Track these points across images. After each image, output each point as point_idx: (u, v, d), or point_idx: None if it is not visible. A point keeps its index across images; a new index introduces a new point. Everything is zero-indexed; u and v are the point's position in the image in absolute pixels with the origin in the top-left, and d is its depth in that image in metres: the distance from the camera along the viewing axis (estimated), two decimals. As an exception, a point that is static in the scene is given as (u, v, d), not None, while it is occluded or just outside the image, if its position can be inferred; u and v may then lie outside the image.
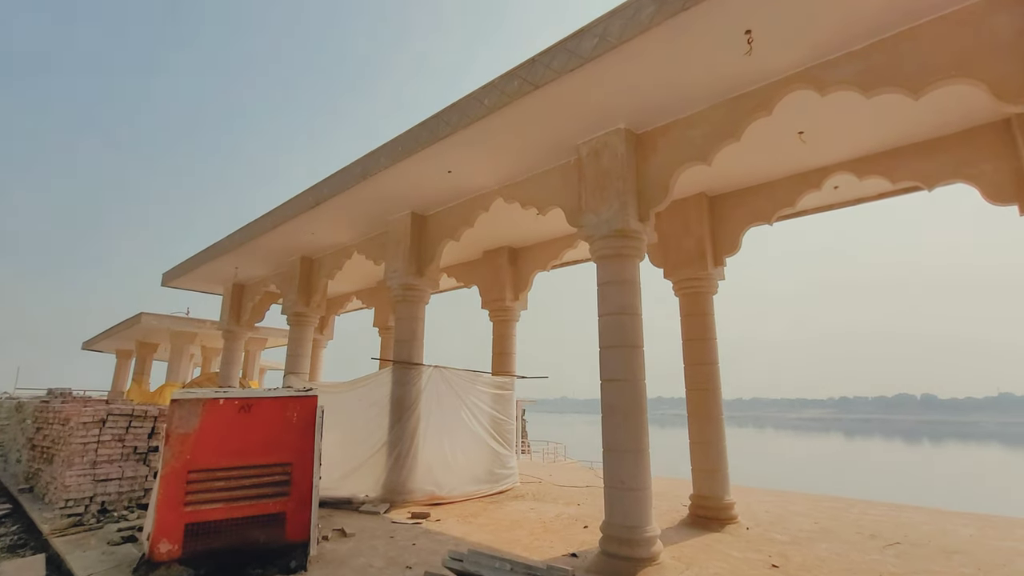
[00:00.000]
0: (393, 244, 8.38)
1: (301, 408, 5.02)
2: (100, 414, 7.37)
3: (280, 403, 4.95)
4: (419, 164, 6.66)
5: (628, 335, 5.33)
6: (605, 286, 5.52)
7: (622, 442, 5.08)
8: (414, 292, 8.17)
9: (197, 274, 12.60)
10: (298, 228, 9.12)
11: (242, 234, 10.05)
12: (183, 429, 4.55)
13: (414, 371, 7.93)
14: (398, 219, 8.39)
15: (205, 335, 18.48)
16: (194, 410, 4.62)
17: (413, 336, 8.07)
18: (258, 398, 4.87)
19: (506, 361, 9.81)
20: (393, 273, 8.22)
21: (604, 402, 5.31)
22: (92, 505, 6.90)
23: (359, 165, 7.17)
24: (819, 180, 6.53)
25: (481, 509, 7.49)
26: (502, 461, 8.91)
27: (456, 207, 7.85)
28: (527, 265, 9.90)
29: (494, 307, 9.96)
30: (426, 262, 8.14)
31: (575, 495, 8.59)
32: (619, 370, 5.25)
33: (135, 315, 16.11)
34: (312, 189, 8.02)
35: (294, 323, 10.74)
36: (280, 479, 4.82)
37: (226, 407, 4.75)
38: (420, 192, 7.59)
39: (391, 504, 7.30)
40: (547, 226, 8.95)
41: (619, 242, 5.49)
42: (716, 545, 5.72)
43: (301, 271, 10.68)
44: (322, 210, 8.20)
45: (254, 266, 11.81)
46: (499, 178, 7.03)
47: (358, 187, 7.32)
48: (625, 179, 5.55)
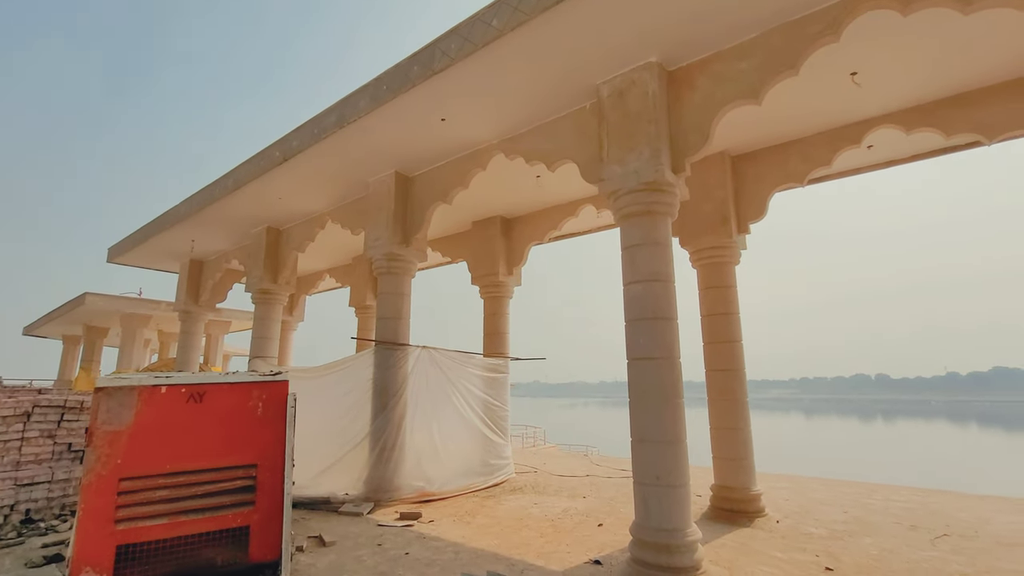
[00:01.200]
0: (375, 209, 7.35)
1: (268, 396, 4.05)
2: (24, 406, 6.19)
3: (241, 390, 3.97)
4: (407, 109, 5.65)
5: (661, 305, 4.52)
6: (633, 250, 4.69)
7: (657, 431, 4.30)
8: (399, 263, 7.18)
9: (148, 248, 11.22)
10: (264, 191, 7.96)
11: (199, 199, 8.81)
12: (112, 425, 3.53)
13: (400, 353, 6.99)
14: (380, 180, 7.35)
15: (161, 318, 16.96)
16: (127, 401, 3.60)
17: (398, 313, 7.11)
18: (213, 384, 3.88)
19: (498, 341, 8.95)
20: (375, 242, 7.21)
21: (633, 385, 4.51)
22: (13, 515, 5.77)
23: (334, 111, 6.09)
24: (859, 135, 5.83)
25: (478, 505, 6.68)
26: (497, 451, 8.11)
27: (448, 165, 6.86)
28: (522, 236, 9.00)
29: (485, 283, 9.06)
30: (413, 229, 7.15)
31: (577, 486, 7.88)
32: (651, 347, 4.45)
33: (79, 296, 14.52)
34: (280, 142, 6.89)
35: (260, 302, 9.60)
36: (242, 484, 3.86)
37: (170, 396, 3.74)
38: (406, 146, 6.57)
39: (375, 503, 6.40)
40: (548, 192, 8.06)
41: (650, 197, 4.65)
42: (752, 544, 5.06)
43: (267, 243, 9.51)
44: (291, 168, 7.08)
45: (213, 238, 10.54)
46: (500, 129, 6.08)
47: (333, 137, 6.25)
48: (658, 122, 4.69)
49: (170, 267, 12.71)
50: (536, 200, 8.49)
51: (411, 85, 5.20)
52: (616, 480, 8.35)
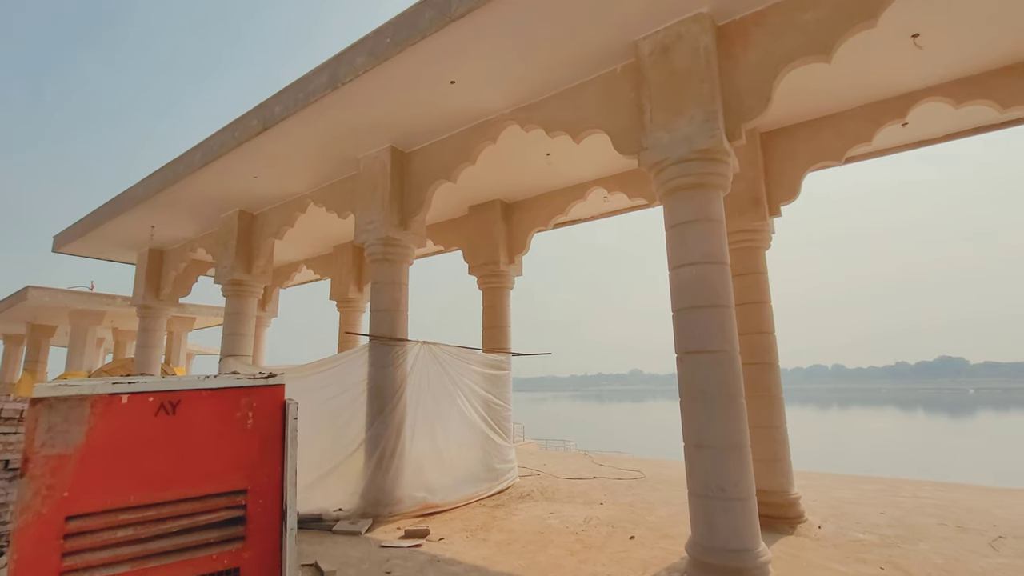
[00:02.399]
0: (367, 189, 6.54)
1: (260, 404, 3.27)
2: (-53, 418, 5.18)
3: (225, 398, 3.18)
4: (413, 67, 4.89)
5: (718, 292, 3.96)
6: (683, 228, 4.10)
7: (720, 435, 3.73)
8: (396, 249, 6.41)
9: (100, 236, 10.03)
10: (237, 167, 7.03)
11: (159, 178, 7.77)
12: (55, 447, 2.70)
13: (398, 349, 6.24)
14: (373, 156, 6.54)
15: (116, 314, 15.54)
16: (75, 415, 2.77)
17: (396, 305, 6.35)
18: (189, 391, 3.08)
19: (499, 336, 8.28)
20: (368, 226, 6.41)
21: (687, 383, 3.93)
22: (-66, 550, 4.78)
23: (325, 70, 5.27)
24: (904, 109, 5.42)
25: (488, 517, 6.02)
26: (501, 454, 7.45)
27: (454, 138, 6.12)
28: (524, 222, 8.34)
29: (484, 272, 8.36)
30: (411, 211, 6.39)
31: (588, 491, 7.31)
32: (708, 338, 3.88)
33: (20, 290, 13.04)
34: (259, 108, 6.00)
35: (232, 294, 8.62)
36: (229, 516, 3.08)
37: (134, 408, 2.92)
38: (406, 116, 5.80)
39: (374, 519, 5.66)
40: (556, 173, 7.41)
41: (703, 167, 4.07)
42: (805, 555, 4.58)
43: (240, 229, 8.53)
44: (271, 139, 6.20)
45: (177, 224, 9.47)
46: (516, 95, 5.39)
47: (323, 102, 5.43)
48: (711, 81, 4.11)
49: (126, 257, 11.48)
50: (540, 182, 7.83)
51: (420, 36, 4.44)
52: (627, 483, 7.84)
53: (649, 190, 6.95)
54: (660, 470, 8.77)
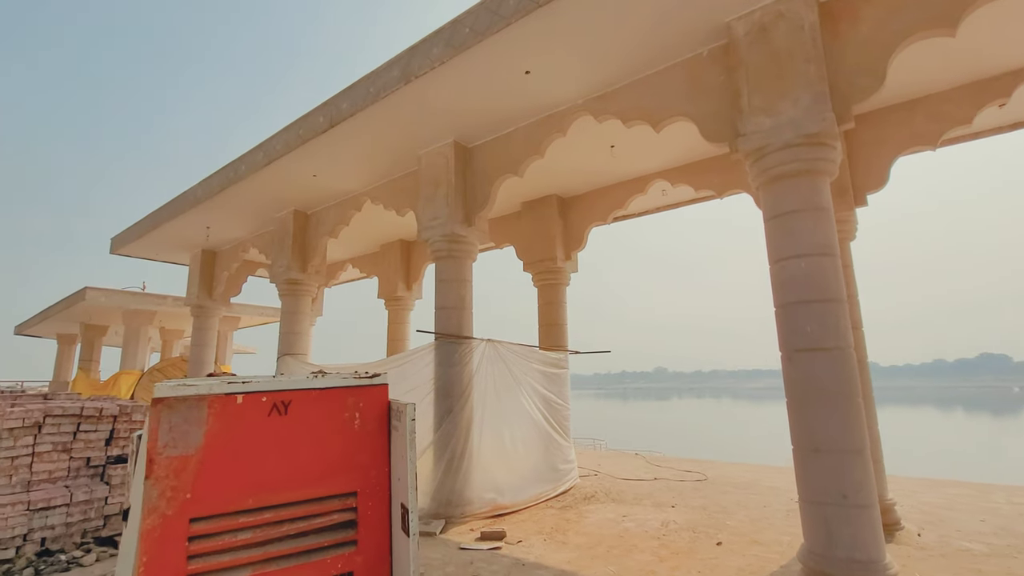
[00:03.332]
0: (429, 185, 6.45)
1: (365, 404, 3.19)
2: (34, 416, 5.29)
3: (333, 398, 3.10)
4: (490, 58, 4.76)
5: (829, 285, 3.72)
6: (788, 218, 3.86)
7: (840, 438, 3.49)
8: (461, 246, 6.31)
9: (156, 238, 10.24)
10: (298, 166, 7.03)
11: (219, 179, 7.85)
12: (177, 449, 2.66)
13: (464, 347, 6.13)
14: (436, 152, 6.45)
15: (164, 314, 15.94)
16: (194, 415, 2.72)
17: (461, 303, 6.25)
18: (299, 391, 3.01)
19: (556, 333, 8.12)
20: (432, 222, 6.32)
21: (797, 383, 3.71)
22: (27, 546, 4.87)
23: (397, 64, 5.18)
24: (1009, 87, 5.04)
25: (559, 519, 5.87)
26: (563, 454, 7.30)
27: (521, 131, 5.98)
28: (581, 217, 8.15)
29: (540, 269, 8.21)
30: (476, 207, 6.28)
31: (653, 492, 7.10)
32: (821, 335, 3.65)
33: (79, 291, 13.47)
34: (326, 105, 5.96)
35: (287, 293, 8.68)
36: (343, 519, 3.00)
37: (248, 407, 2.87)
38: (474, 109, 5.68)
39: (446, 520, 5.58)
40: (618, 166, 7.19)
41: (811, 152, 3.82)
42: (915, 566, 4.29)
43: (295, 228, 8.58)
44: (335, 136, 6.16)
45: (230, 225, 9.59)
46: (590, 85, 5.21)
47: (393, 98, 5.35)
48: (817, 61, 3.86)
49: (179, 259, 11.72)
50: (599, 176, 7.62)
51: (504, 23, 4.31)
52: (691, 484, 7.59)
53: (717, 181, 6.69)
54: (721, 472, 8.48)
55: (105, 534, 5.32)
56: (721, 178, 6.66)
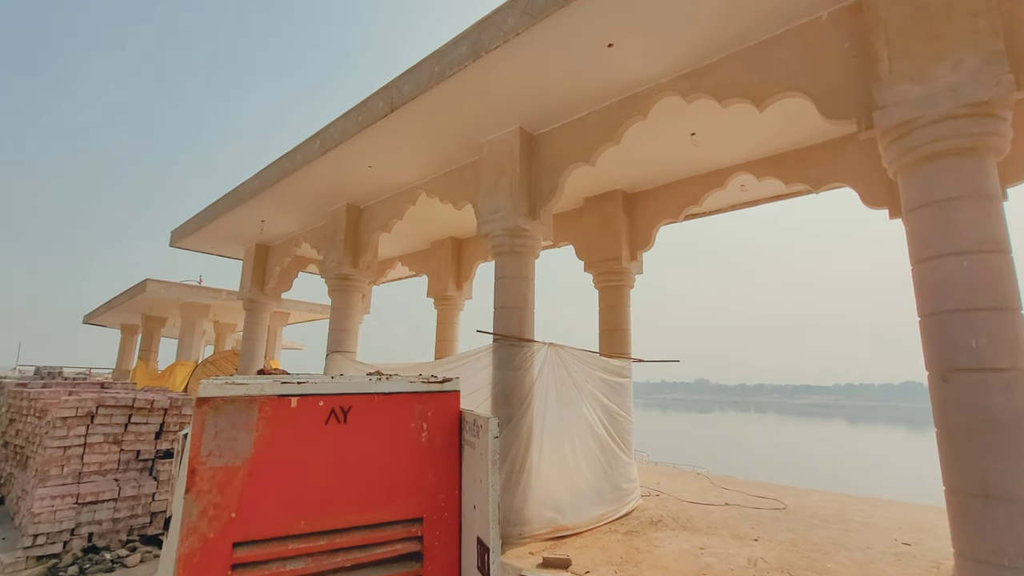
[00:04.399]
0: (491, 176, 6.01)
1: (434, 414, 2.72)
2: (87, 405, 5.15)
3: (398, 405, 2.65)
4: (571, 28, 4.24)
5: (1003, 289, 2.98)
6: (943, 207, 3.15)
7: (1015, 484, 2.76)
8: (525, 241, 5.82)
9: (213, 231, 10.30)
10: (354, 156, 6.75)
11: (274, 170, 7.70)
12: (223, 457, 2.25)
13: (526, 350, 5.64)
14: (499, 140, 6.00)
15: (218, 307, 16.28)
16: (244, 418, 2.32)
17: (523, 302, 5.76)
18: (360, 395, 2.58)
19: (618, 339, 7.51)
20: (494, 215, 5.87)
21: (956, 410, 2.99)
22: (74, 540, 4.70)
23: (467, 39, 4.75)
24: None
25: (628, 547, 5.26)
26: (626, 471, 6.67)
27: (593, 116, 5.44)
28: (649, 214, 7.51)
29: (602, 270, 7.62)
30: (542, 199, 5.78)
31: (728, 520, 6.35)
32: (990, 352, 2.92)
33: (140, 283, 13.90)
34: (386, 88, 5.62)
35: (338, 289, 8.45)
36: (405, 551, 2.54)
37: (303, 412, 2.45)
38: (542, 92, 5.19)
39: (502, 540, 5.08)
40: (696, 156, 6.53)
41: (977, 125, 3.11)
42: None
43: (348, 223, 8.35)
44: (395, 122, 5.82)
45: (283, 219, 9.50)
46: (678, 60, 4.61)
47: (459, 77, 4.93)
48: (988, 14, 3.14)
49: (234, 253, 11.82)
50: (671, 169, 6.98)
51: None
52: (769, 513, 6.78)
53: (814, 174, 5.92)
54: (799, 500, 7.60)
55: (151, 532, 5.11)
56: (819, 170, 5.90)
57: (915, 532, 5.93)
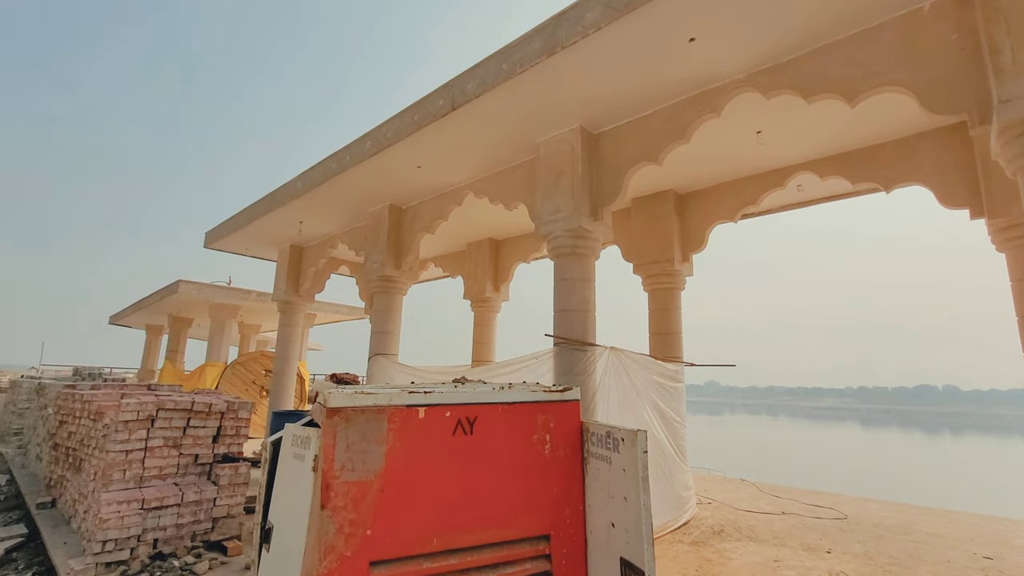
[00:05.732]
0: (550, 176, 5.87)
1: (557, 425, 2.60)
2: (147, 409, 5.09)
3: (521, 415, 2.53)
4: (655, 22, 4.09)
5: None
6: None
7: None
8: (586, 242, 5.68)
9: (249, 232, 10.28)
10: (406, 156, 6.65)
11: (323, 169, 7.63)
12: (356, 472, 2.14)
13: (589, 355, 5.49)
14: (558, 139, 5.87)
15: (245, 309, 16.32)
16: (374, 430, 2.21)
17: (585, 304, 5.62)
18: (485, 406, 2.46)
19: (670, 342, 7.33)
20: (554, 216, 5.73)
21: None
22: (140, 547, 4.63)
23: (539, 36, 4.60)
24: None
25: (698, 559, 5.09)
26: (684, 479, 6.50)
27: (661, 114, 5.29)
28: (702, 215, 7.34)
29: (653, 271, 7.45)
30: (604, 199, 5.64)
31: (792, 530, 6.15)
32: None
33: (172, 283, 13.95)
34: (447, 87, 5.51)
35: (380, 291, 8.36)
36: (535, 570, 2.41)
37: (431, 424, 2.34)
38: (607, 94, 5.05)
39: (571, 550, 4.92)
40: (750, 156, 6.35)
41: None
42: None
43: (390, 224, 8.26)
44: (453, 121, 5.70)
45: (321, 220, 9.44)
46: (759, 54, 4.45)
47: (528, 74, 4.80)
48: None
49: (268, 254, 11.80)
50: (727, 168, 6.79)
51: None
52: (830, 523, 6.57)
53: (885, 173, 5.72)
54: (858, 509, 7.37)
55: (213, 538, 5.03)
56: (890, 169, 5.69)
57: (992, 546, 5.69)
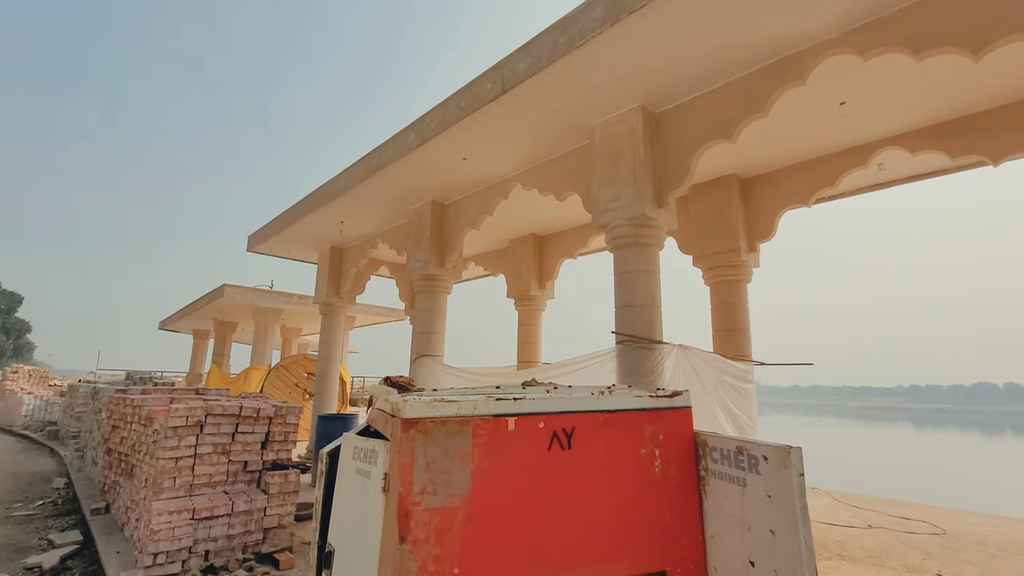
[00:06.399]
0: (608, 161, 5.44)
1: (667, 436, 2.17)
2: (196, 414, 4.91)
3: (624, 426, 2.11)
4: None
5: None
6: None
7: None
8: (650, 230, 5.22)
9: (293, 233, 10.22)
10: (449, 148, 6.34)
11: (365, 165, 7.42)
12: (438, 496, 1.77)
13: (655, 354, 5.02)
14: (615, 121, 5.43)
15: (287, 312, 16.45)
16: (457, 445, 1.83)
17: (651, 299, 5.15)
18: (583, 414, 2.05)
19: (737, 339, 6.76)
20: (613, 204, 5.29)
21: None
22: (192, 559, 4.44)
23: (601, 2, 4.21)
24: None
25: (788, 581, 4.55)
26: (759, 490, 5.92)
27: (734, 85, 4.78)
28: (769, 201, 6.74)
29: (716, 263, 6.89)
30: (670, 183, 5.16)
31: (884, 546, 5.51)
32: None
33: (217, 287, 14.17)
34: (495, 69, 5.15)
35: (423, 290, 8.10)
36: (650, 615, 1.98)
37: (522, 437, 1.94)
38: (672, 65, 4.59)
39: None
40: (820, 135, 5.74)
41: None
42: None
43: (433, 220, 7.98)
44: (501, 106, 5.34)
45: (363, 219, 9.26)
46: (856, 7, 3.90)
47: (589, 46, 4.38)
48: None
49: (309, 256, 11.77)
50: (797, 148, 6.19)
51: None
52: (928, 538, 5.87)
53: (992, 143, 5.03)
54: (954, 523, 6.60)
55: (264, 550, 4.81)
56: (998, 138, 5.01)
57: None
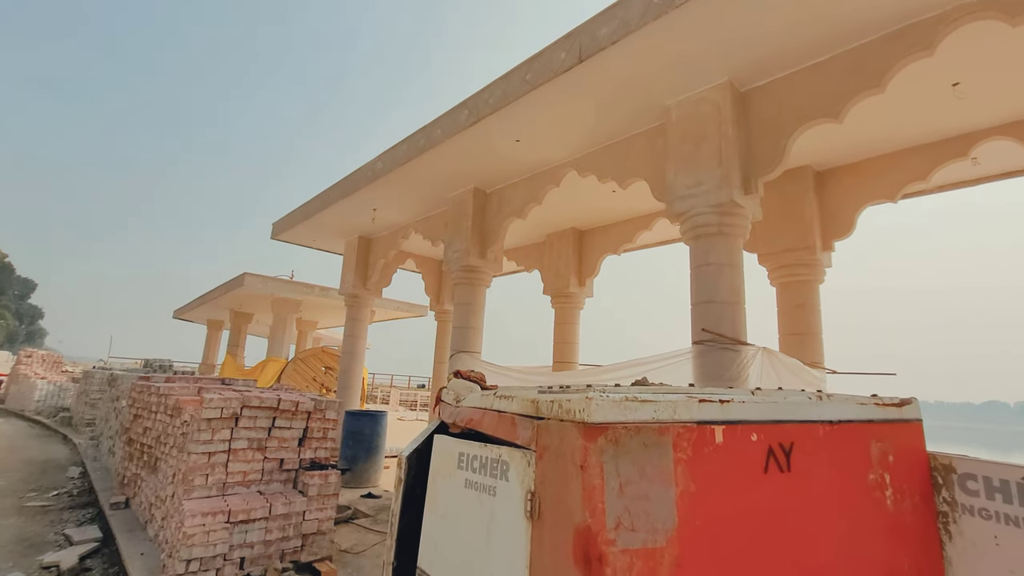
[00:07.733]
0: (687, 143, 4.95)
1: (897, 456, 1.65)
2: (232, 406, 4.47)
3: (849, 440, 1.59)
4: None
5: None
6: None
7: None
8: (735, 219, 4.72)
9: (320, 221, 9.81)
10: (504, 127, 5.88)
11: (409, 145, 6.97)
12: (638, 532, 1.25)
13: (740, 356, 4.52)
14: (696, 99, 4.94)
15: (305, 304, 16.06)
16: (655, 461, 1.31)
17: (735, 295, 4.65)
18: (800, 425, 1.53)
19: (810, 344, 6.22)
20: (691, 191, 4.80)
21: None
22: (227, 566, 3.98)
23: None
24: None
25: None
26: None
27: (842, 59, 4.27)
28: (848, 194, 6.22)
29: (785, 262, 6.37)
30: (760, 168, 4.66)
31: None
32: None
33: (237, 276, 13.80)
34: (571, 36, 4.67)
35: (463, 282, 7.64)
36: None
37: (731, 452, 1.41)
38: (772, 32, 4.10)
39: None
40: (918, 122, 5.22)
41: None
42: None
43: (475, 209, 7.53)
44: (570, 81, 4.87)
45: (397, 207, 8.83)
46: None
47: (685, 8, 3.90)
48: None
49: (335, 247, 11.36)
50: (890, 136, 5.67)
51: None
52: None
53: None
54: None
55: (304, 558, 4.35)
56: None
57: None
